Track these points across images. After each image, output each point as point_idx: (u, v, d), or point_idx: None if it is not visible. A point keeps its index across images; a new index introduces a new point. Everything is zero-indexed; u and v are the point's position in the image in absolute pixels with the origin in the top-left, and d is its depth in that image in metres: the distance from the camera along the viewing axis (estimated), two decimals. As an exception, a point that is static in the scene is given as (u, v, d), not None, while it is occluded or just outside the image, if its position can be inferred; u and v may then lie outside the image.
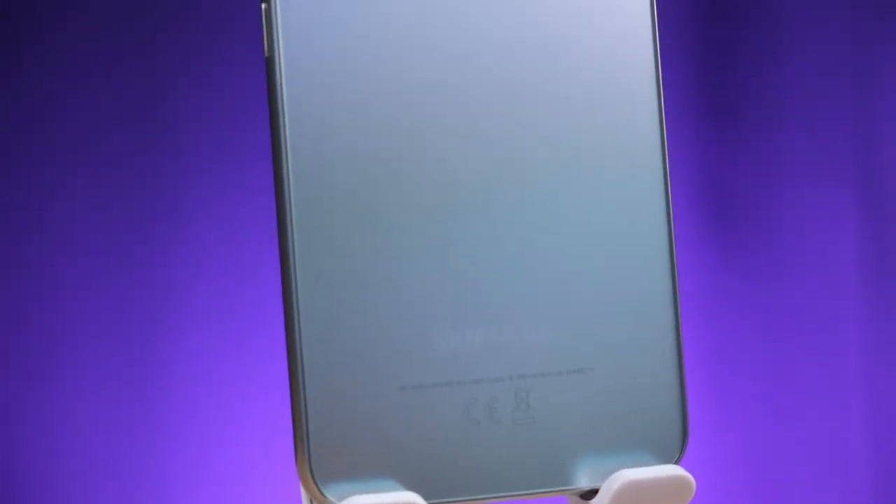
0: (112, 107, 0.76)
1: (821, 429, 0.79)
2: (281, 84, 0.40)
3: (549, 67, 0.42)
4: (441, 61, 0.41)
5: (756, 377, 0.79)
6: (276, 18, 0.40)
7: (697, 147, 0.79)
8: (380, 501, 0.39)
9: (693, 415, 0.43)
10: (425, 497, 0.40)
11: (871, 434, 0.79)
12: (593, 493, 0.41)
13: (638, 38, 0.42)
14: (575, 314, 0.42)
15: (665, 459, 0.42)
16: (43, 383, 0.75)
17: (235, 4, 0.75)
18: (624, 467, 0.41)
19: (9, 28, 0.74)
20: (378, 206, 0.41)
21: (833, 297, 0.78)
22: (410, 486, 0.40)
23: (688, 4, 0.78)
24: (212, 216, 0.77)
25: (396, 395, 0.40)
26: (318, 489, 0.39)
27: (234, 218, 0.77)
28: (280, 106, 0.40)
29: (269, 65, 0.40)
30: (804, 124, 0.79)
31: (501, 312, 0.41)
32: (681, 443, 0.42)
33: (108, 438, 0.75)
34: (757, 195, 0.79)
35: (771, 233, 0.78)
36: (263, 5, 0.40)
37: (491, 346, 0.41)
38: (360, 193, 0.40)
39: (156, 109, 0.76)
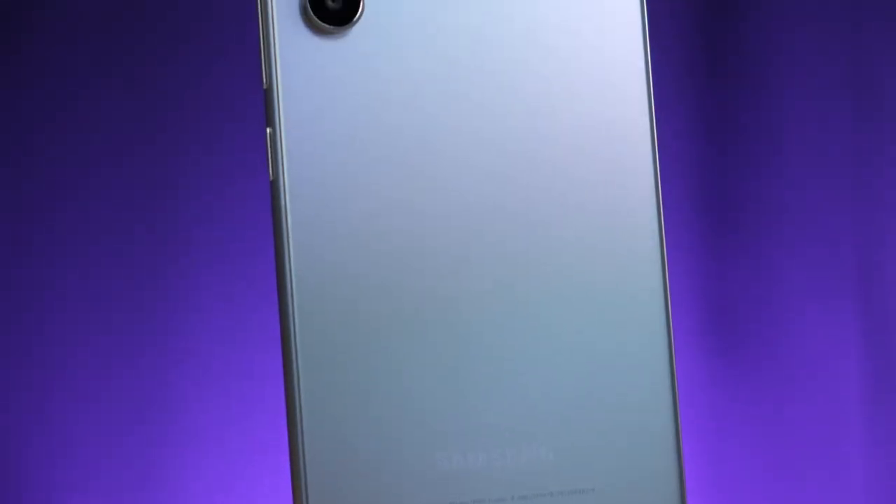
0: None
1: None
2: (286, 207, 0.41)
3: (549, 193, 0.42)
4: (441, 186, 0.42)
5: (756, 495, 0.79)
6: (281, 143, 0.41)
7: (696, 259, 0.79)
8: None
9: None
10: None
11: None
12: None
13: (638, 158, 0.43)
14: (576, 434, 0.42)
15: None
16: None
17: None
18: None
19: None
20: (380, 328, 0.41)
21: (835, 420, 0.78)
22: None
23: (685, 121, 0.79)
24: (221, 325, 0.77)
25: (399, 516, 0.40)
26: None
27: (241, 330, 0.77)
28: (284, 228, 0.41)
29: (273, 188, 0.41)
30: (803, 233, 0.79)
31: (503, 433, 0.41)
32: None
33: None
34: (756, 308, 0.79)
35: (770, 346, 0.79)
36: (268, 130, 0.41)
37: (492, 467, 0.41)
38: (363, 315, 0.41)
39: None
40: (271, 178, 0.41)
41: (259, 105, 0.42)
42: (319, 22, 0.41)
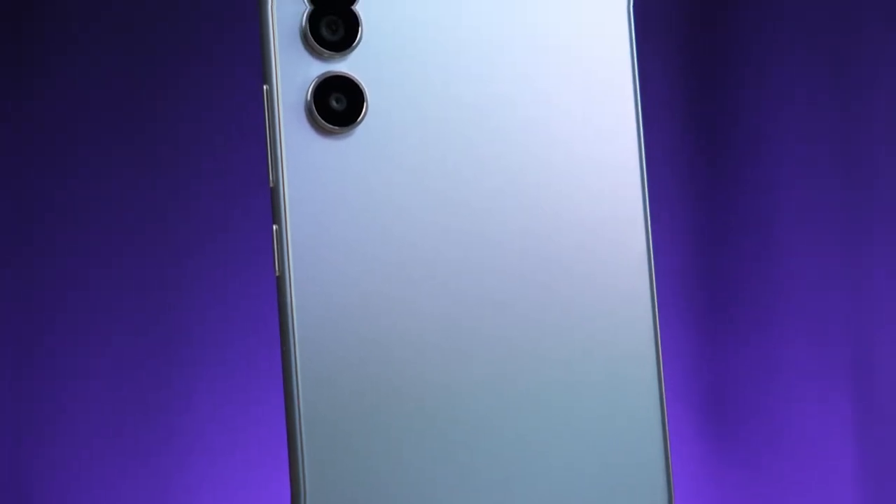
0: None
1: None
2: (291, 302, 0.42)
3: (547, 285, 0.44)
4: (441, 281, 0.43)
5: None
6: (287, 241, 0.42)
7: (692, 350, 0.80)
8: None
9: None
10: None
11: None
12: None
13: (634, 246, 0.44)
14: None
15: None
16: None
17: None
18: None
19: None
20: (383, 422, 0.42)
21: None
22: None
23: (684, 226, 0.80)
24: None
25: None
26: None
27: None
28: (290, 322, 0.42)
29: (279, 283, 0.42)
30: (800, 323, 0.80)
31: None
32: None
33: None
34: (751, 399, 0.80)
35: (765, 430, 0.79)
36: (274, 227, 0.42)
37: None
38: (367, 410, 0.42)
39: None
40: (277, 273, 0.42)
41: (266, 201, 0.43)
42: (324, 123, 0.42)
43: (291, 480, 0.41)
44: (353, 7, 0.42)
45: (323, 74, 0.42)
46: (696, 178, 0.81)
